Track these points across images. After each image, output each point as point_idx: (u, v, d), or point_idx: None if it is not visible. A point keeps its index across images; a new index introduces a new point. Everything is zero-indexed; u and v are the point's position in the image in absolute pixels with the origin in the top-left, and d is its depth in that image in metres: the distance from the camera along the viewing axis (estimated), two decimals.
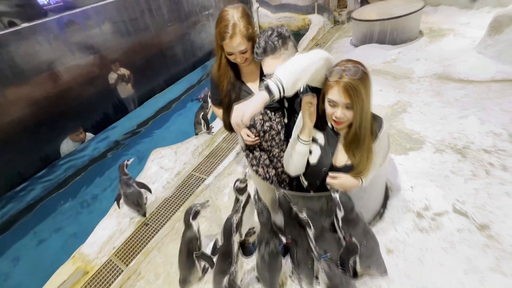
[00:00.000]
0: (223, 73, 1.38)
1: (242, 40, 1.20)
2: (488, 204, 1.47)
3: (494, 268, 1.19)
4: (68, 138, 4.11)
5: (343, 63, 1.06)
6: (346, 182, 1.20)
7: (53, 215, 3.35)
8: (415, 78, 2.85)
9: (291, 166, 1.31)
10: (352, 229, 1.19)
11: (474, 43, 2.90)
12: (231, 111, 1.46)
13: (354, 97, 1.03)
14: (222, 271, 1.22)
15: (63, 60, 3.88)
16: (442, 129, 2.09)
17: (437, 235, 1.40)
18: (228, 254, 1.22)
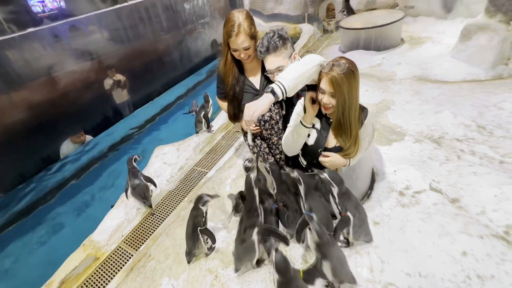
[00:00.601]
0: (228, 69, 1.59)
1: (246, 37, 1.42)
2: (458, 182, 1.70)
3: (462, 231, 1.40)
4: (68, 140, 4.20)
5: (337, 59, 1.28)
6: (336, 160, 1.41)
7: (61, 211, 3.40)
8: (397, 80, 3.14)
9: (290, 147, 1.51)
10: (347, 202, 1.38)
11: (448, 49, 3.22)
12: (235, 103, 1.66)
13: (336, 88, 1.24)
14: (251, 225, 1.38)
15: (60, 66, 4.01)
16: (420, 122, 2.34)
17: (416, 209, 1.61)
18: (253, 210, 1.39)
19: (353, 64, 1.27)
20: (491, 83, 2.56)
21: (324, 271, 1.24)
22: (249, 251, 1.42)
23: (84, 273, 1.94)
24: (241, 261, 1.48)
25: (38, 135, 3.86)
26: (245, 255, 1.44)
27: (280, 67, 1.46)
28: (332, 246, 1.24)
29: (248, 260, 1.46)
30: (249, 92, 1.65)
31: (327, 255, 1.21)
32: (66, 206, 3.52)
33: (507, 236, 1.36)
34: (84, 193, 3.66)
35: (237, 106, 1.68)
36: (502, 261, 1.27)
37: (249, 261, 1.47)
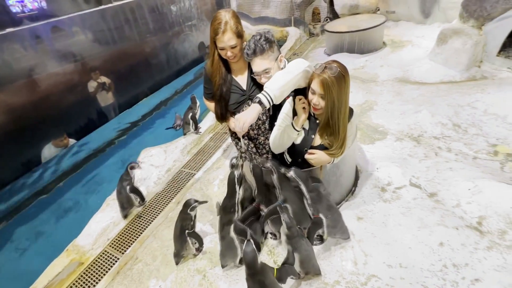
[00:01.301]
0: (215, 69, 1.60)
1: (232, 35, 1.45)
2: (436, 177, 1.78)
3: (440, 223, 1.48)
4: (50, 143, 4.07)
5: (329, 62, 1.33)
6: (321, 158, 1.45)
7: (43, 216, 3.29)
8: (380, 82, 3.26)
9: (279, 147, 1.54)
10: (318, 204, 1.41)
11: (427, 52, 3.38)
12: (222, 103, 1.68)
13: (326, 90, 1.29)
14: (227, 222, 1.40)
15: (42, 68, 3.90)
16: (401, 122, 2.45)
17: (397, 203, 1.68)
18: (229, 206, 1.42)
19: (345, 69, 1.32)
20: (466, 84, 2.71)
21: None
22: (230, 247, 1.44)
23: (68, 279, 1.89)
24: (225, 257, 1.50)
25: (18, 139, 3.72)
26: (227, 251, 1.47)
27: (267, 69, 1.49)
28: (301, 239, 1.28)
29: (231, 256, 1.47)
30: (236, 92, 1.68)
31: (296, 248, 1.26)
32: (48, 211, 3.41)
33: (479, 227, 1.44)
34: (67, 199, 3.55)
35: (224, 106, 1.70)
36: (475, 249, 1.34)
37: (232, 258, 1.48)
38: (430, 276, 1.28)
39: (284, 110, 1.51)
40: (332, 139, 1.43)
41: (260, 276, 1.15)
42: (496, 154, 1.89)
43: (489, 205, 1.50)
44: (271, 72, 1.48)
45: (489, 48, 2.81)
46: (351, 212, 1.69)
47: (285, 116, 1.49)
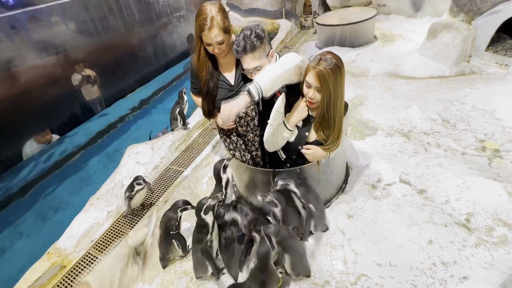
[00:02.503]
0: (202, 64, 1.52)
1: (219, 31, 1.36)
2: (425, 174, 1.78)
3: (429, 220, 1.47)
4: (32, 139, 3.89)
5: (324, 54, 1.27)
6: (317, 153, 1.42)
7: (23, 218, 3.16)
8: (371, 76, 3.23)
9: (272, 145, 1.49)
10: (308, 194, 1.40)
11: (417, 46, 3.37)
12: (209, 99, 1.61)
13: (323, 83, 1.24)
14: (198, 240, 1.35)
15: (21, 60, 3.69)
16: (392, 117, 2.43)
17: (387, 201, 1.67)
18: (203, 226, 1.35)
19: (340, 60, 1.27)
20: (455, 79, 2.71)
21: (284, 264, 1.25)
22: (200, 264, 1.40)
23: (48, 283, 1.82)
24: (197, 271, 1.46)
25: None
26: (198, 266, 1.42)
27: (258, 67, 1.42)
28: (292, 240, 1.25)
29: (202, 271, 1.43)
30: (224, 88, 1.61)
31: (287, 249, 1.23)
32: (29, 212, 3.27)
33: (468, 224, 1.44)
34: (49, 198, 3.41)
35: (211, 102, 1.63)
36: (463, 247, 1.34)
37: (203, 272, 1.44)
38: (419, 275, 1.28)
39: (275, 107, 1.45)
40: (328, 133, 1.39)
41: (265, 276, 1.12)
42: (484, 150, 1.89)
43: (477, 202, 1.50)
44: (262, 69, 1.41)
45: (478, 43, 2.81)
46: (341, 210, 1.67)
47: (276, 114, 1.43)
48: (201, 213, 1.31)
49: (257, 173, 1.64)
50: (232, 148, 1.79)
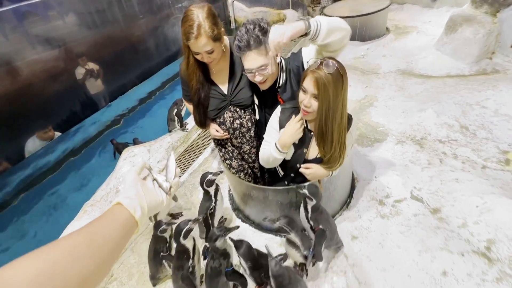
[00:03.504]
0: (191, 72, 1.36)
1: (207, 40, 1.19)
2: (440, 190, 1.61)
3: (443, 247, 1.32)
4: (34, 136, 3.85)
5: (325, 58, 1.10)
6: (317, 172, 1.27)
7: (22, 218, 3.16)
8: (381, 74, 3.01)
9: (267, 164, 1.35)
10: (319, 216, 1.27)
11: (433, 41, 3.10)
12: (200, 109, 1.46)
13: (321, 90, 1.07)
14: (179, 267, 1.24)
15: (22, 55, 3.61)
16: (403, 121, 2.24)
17: (396, 220, 1.52)
18: (183, 252, 1.24)
19: (343, 68, 1.10)
20: (475, 78, 2.48)
21: None
22: None
23: None
24: None
25: None
26: None
27: (263, 66, 1.19)
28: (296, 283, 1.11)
29: None
30: (216, 98, 1.45)
31: None
32: (32, 211, 3.26)
33: (488, 253, 1.29)
34: (51, 196, 3.40)
35: (203, 112, 1.48)
36: (483, 281, 1.19)
37: None
38: None
39: (270, 121, 1.30)
40: (329, 149, 1.23)
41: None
42: (508, 164, 1.70)
43: (500, 227, 1.34)
44: (268, 68, 1.20)
45: (503, 38, 2.55)
46: (345, 229, 1.53)
47: (270, 129, 1.28)
48: (181, 238, 1.19)
49: (253, 189, 1.51)
50: (228, 157, 1.66)
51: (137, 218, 0.54)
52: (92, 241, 0.45)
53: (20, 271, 0.35)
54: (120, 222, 0.51)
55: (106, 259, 0.45)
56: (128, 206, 0.54)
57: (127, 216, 0.53)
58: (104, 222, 0.50)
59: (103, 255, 0.45)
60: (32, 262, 0.37)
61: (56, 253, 0.40)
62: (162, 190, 0.65)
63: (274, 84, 1.34)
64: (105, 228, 0.48)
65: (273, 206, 1.50)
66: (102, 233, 0.47)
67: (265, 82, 1.26)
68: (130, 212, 0.53)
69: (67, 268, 0.39)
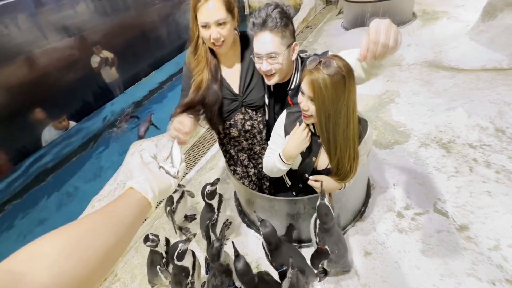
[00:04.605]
0: (201, 59, 1.15)
1: (221, 5, 1.02)
2: (469, 203, 1.44)
3: (470, 273, 1.17)
4: (50, 126, 3.93)
5: (327, 56, 0.95)
6: (327, 185, 1.14)
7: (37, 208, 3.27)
8: (405, 66, 2.75)
9: (271, 174, 1.24)
10: (327, 238, 1.16)
11: (467, 28, 2.78)
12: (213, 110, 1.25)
13: (317, 93, 0.93)
14: (177, 282, 1.17)
15: (38, 43, 3.62)
16: (428, 121, 2.03)
17: (416, 236, 1.37)
18: (182, 269, 1.17)
19: (348, 69, 0.93)
20: None
21: None
22: None
23: None
24: None
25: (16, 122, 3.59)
26: None
27: (273, 53, 1.05)
28: None
29: None
30: (226, 98, 1.27)
31: None
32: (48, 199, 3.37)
33: None
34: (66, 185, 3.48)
35: (218, 115, 1.26)
36: None
37: None
38: None
39: (275, 127, 1.17)
40: (334, 158, 1.09)
41: None
42: None
43: None
44: (278, 58, 1.06)
45: None
46: (358, 243, 1.41)
47: (275, 136, 1.15)
48: (175, 261, 1.12)
49: (258, 197, 1.41)
50: (233, 163, 1.55)
51: (150, 199, 0.57)
52: (110, 219, 0.49)
53: (49, 245, 0.40)
54: (134, 203, 0.55)
55: (123, 236, 0.50)
56: (140, 189, 0.57)
57: (140, 197, 0.56)
58: (119, 203, 0.54)
59: (121, 232, 0.49)
60: (58, 237, 0.41)
61: (79, 229, 0.44)
62: (170, 175, 0.67)
63: (286, 85, 1.20)
64: (121, 208, 0.53)
65: (279, 216, 1.40)
66: (118, 212, 0.52)
67: (272, 76, 1.11)
68: (142, 194, 0.57)
69: (90, 243, 0.43)
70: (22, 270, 0.35)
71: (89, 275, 0.41)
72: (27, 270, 0.35)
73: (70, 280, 0.38)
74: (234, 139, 1.44)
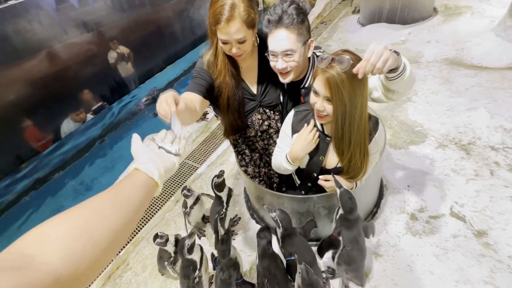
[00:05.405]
0: (221, 67, 1.14)
1: (241, 26, 0.99)
2: (489, 208, 1.37)
3: (487, 281, 1.12)
4: (69, 118, 4.08)
5: (339, 53, 0.93)
6: None
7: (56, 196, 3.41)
8: (424, 63, 2.64)
9: (279, 171, 1.23)
10: (345, 229, 1.13)
11: (492, 24, 2.64)
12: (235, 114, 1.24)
13: (334, 92, 0.91)
14: (185, 276, 1.19)
15: (59, 39, 3.75)
16: (447, 121, 1.95)
17: (430, 240, 1.32)
18: (190, 262, 1.18)
19: (360, 61, 0.91)
20: None
21: None
22: None
23: None
24: None
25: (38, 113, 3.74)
26: None
27: (289, 50, 1.03)
28: None
29: None
30: (245, 98, 1.27)
31: None
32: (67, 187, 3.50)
33: None
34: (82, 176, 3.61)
35: (238, 118, 1.27)
36: None
37: None
38: None
39: (283, 126, 1.15)
40: (347, 155, 1.07)
41: None
42: None
43: None
44: (294, 56, 1.04)
45: None
46: (368, 244, 1.37)
47: (283, 136, 1.14)
48: (184, 255, 1.13)
49: (267, 194, 1.40)
50: (244, 164, 1.54)
51: (156, 179, 0.57)
52: (116, 200, 0.49)
53: (56, 227, 0.40)
54: (141, 184, 0.54)
55: (130, 218, 0.49)
56: (145, 170, 0.56)
57: (146, 178, 0.55)
58: (125, 185, 0.53)
59: (128, 214, 0.49)
60: (65, 219, 0.42)
61: (86, 211, 0.44)
62: (171, 154, 0.65)
63: (300, 83, 1.18)
64: (127, 190, 0.52)
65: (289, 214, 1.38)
66: (124, 194, 0.51)
67: (287, 74, 1.10)
68: (148, 175, 0.56)
69: (96, 225, 0.43)
70: (32, 252, 0.36)
71: (98, 256, 0.41)
72: (37, 252, 0.36)
73: (79, 261, 0.39)
74: (249, 139, 1.43)
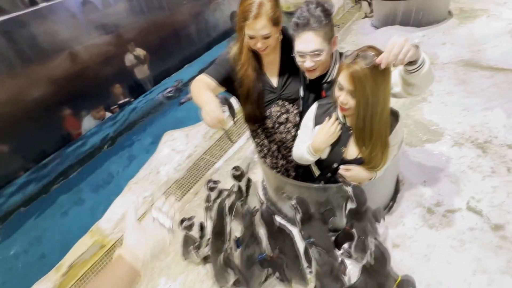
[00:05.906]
0: (245, 61, 1.26)
1: (267, 23, 1.10)
2: (506, 203, 1.40)
3: (505, 271, 1.16)
4: (90, 115, 4.26)
5: (364, 49, 1.00)
6: (359, 175, 1.18)
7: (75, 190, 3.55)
8: (439, 65, 2.67)
9: (300, 162, 1.31)
10: (356, 221, 1.19)
11: (509, 26, 2.65)
12: (254, 105, 1.35)
13: (357, 86, 0.98)
14: (217, 249, 1.27)
15: (80, 40, 3.94)
16: (463, 121, 1.98)
17: (446, 232, 1.36)
18: (221, 234, 1.26)
19: None
20: None
21: None
22: (220, 274, 1.30)
23: (90, 260, 1.97)
24: (218, 281, 1.37)
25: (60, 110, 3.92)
26: (219, 276, 1.33)
27: (317, 50, 1.09)
28: (333, 281, 1.07)
29: (223, 281, 1.34)
30: (266, 89, 1.37)
31: None
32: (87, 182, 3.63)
33: None
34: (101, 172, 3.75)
35: (256, 108, 1.37)
36: None
37: (225, 282, 1.35)
38: None
39: (305, 118, 1.22)
40: (370, 149, 1.13)
41: None
42: None
43: None
44: (322, 55, 1.10)
45: None
46: (385, 234, 1.42)
47: (305, 127, 1.21)
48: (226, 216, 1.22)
49: (287, 184, 1.47)
50: (263, 154, 1.62)
51: (138, 269, 0.60)
52: None
53: None
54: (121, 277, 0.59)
55: None
56: (129, 259, 0.60)
57: (128, 269, 0.60)
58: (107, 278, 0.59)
59: None
60: None
61: None
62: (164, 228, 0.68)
63: (322, 78, 1.25)
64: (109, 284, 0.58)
65: None
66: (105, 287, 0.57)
67: (314, 71, 1.17)
68: (131, 265, 0.60)
69: None
70: None
71: None
72: None
73: None
74: (267, 130, 1.51)
